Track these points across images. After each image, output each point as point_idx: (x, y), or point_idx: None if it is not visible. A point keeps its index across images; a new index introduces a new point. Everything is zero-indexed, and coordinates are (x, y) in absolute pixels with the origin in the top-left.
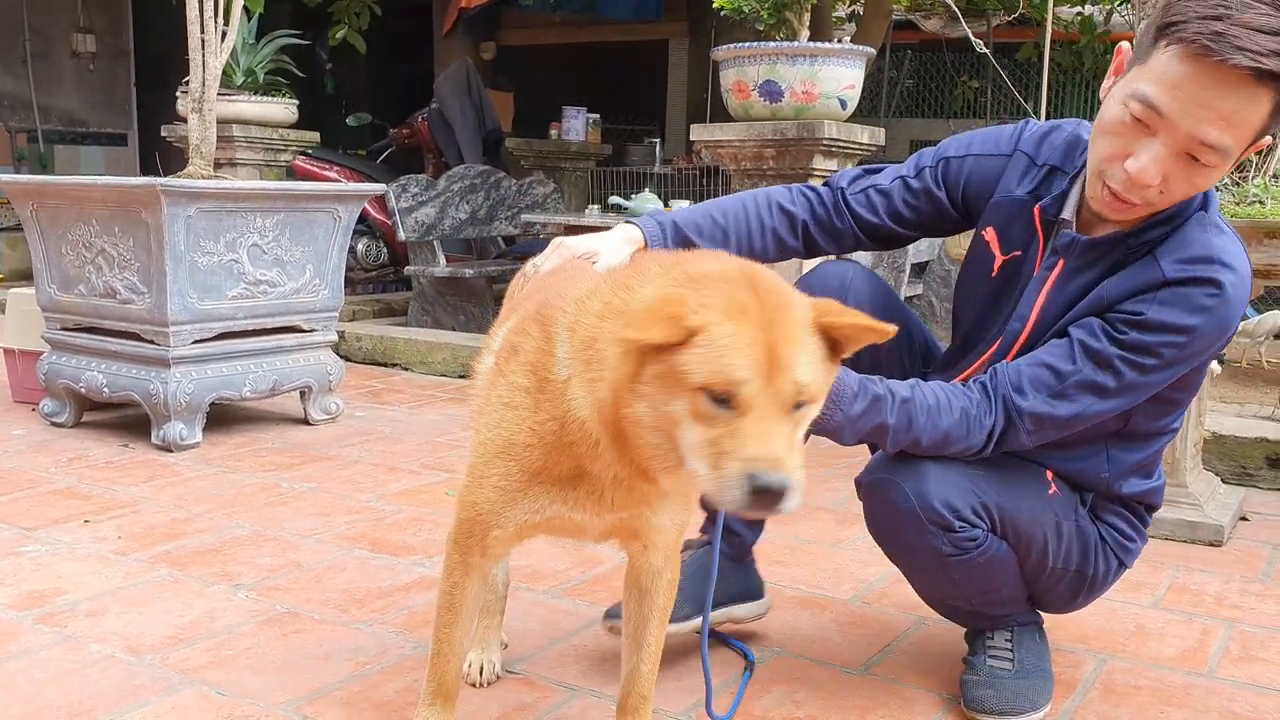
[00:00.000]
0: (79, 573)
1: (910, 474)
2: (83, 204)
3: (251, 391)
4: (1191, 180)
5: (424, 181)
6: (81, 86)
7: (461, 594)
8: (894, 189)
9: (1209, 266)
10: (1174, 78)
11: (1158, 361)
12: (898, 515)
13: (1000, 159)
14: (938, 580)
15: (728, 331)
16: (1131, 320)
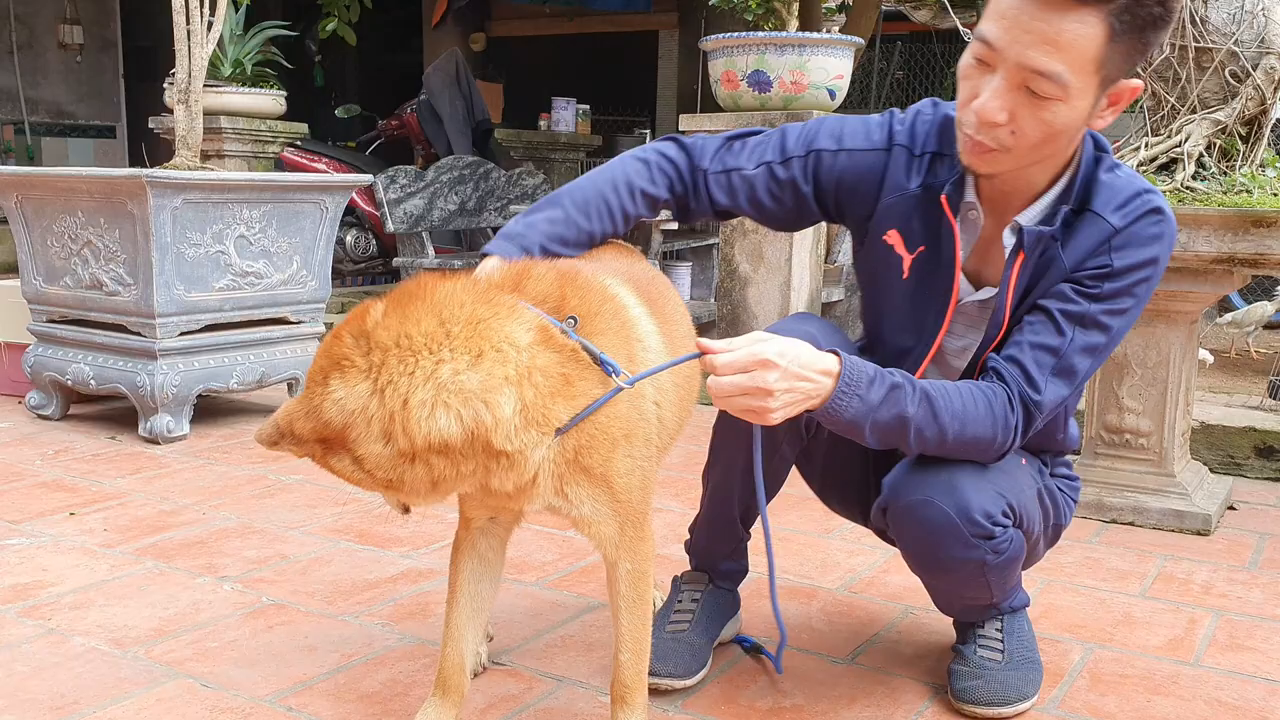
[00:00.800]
0: (64, 565)
1: (942, 488)
2: (68, 195)
3: (239, 383)
4: (1038, 115)
5: (412, 173)
6: (69, 78)
7: (454, 570)
8: (758, 177)
9: (1145, 198)
10: (1003, 8)
11: (1135, 301)
12: (940, 534)
13: (877, 154)
14: (969, 586)
15: None
16: (1100, 274)
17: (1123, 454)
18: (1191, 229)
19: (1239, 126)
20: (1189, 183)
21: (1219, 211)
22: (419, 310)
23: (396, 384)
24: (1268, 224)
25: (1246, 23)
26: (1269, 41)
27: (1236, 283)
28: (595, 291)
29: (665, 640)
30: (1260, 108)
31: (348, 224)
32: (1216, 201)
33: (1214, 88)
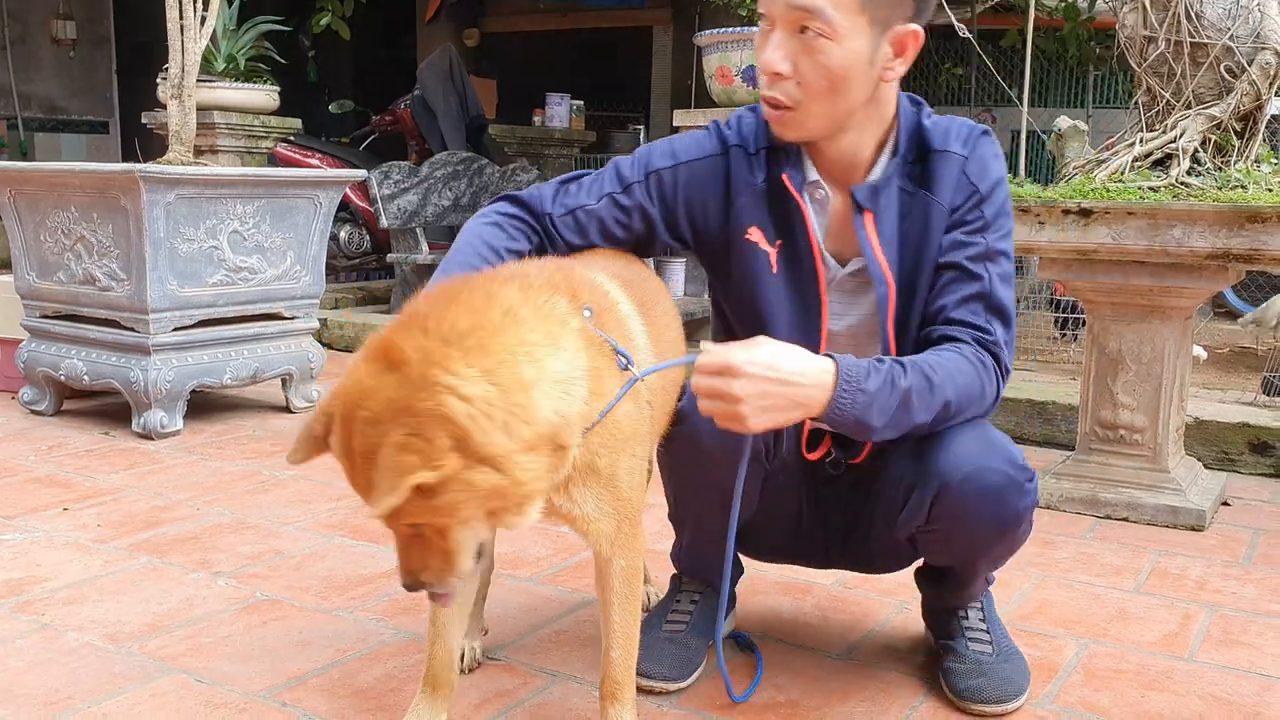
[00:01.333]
0: (58, 561)
1: (984, 451)
2: (61, 191)
3: (233, 379)
4: (815, 59)
5: (406, 168)
6: (62, 73)
7: None
8: (603, 210)
9: (970, 126)
10: None
11: (1010, 218)
12: (1005, 493)
13: (715, 159)
14: (1012, 540)
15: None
16: (974, 204)
17: (1117, 450)
18: (1186, 225)
19: (1234, 122)
20: (1184, 178)
21: (1214, 207)
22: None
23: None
24: (1262, 219)
25: (1242, 18)
26: (1264, 37)
27: (1231, 278)
28: (596, 288)
29: (661, 641)
30: (1255, 103)
31: (342, 220)
32: (1211, 197)
33: (1209, 83)
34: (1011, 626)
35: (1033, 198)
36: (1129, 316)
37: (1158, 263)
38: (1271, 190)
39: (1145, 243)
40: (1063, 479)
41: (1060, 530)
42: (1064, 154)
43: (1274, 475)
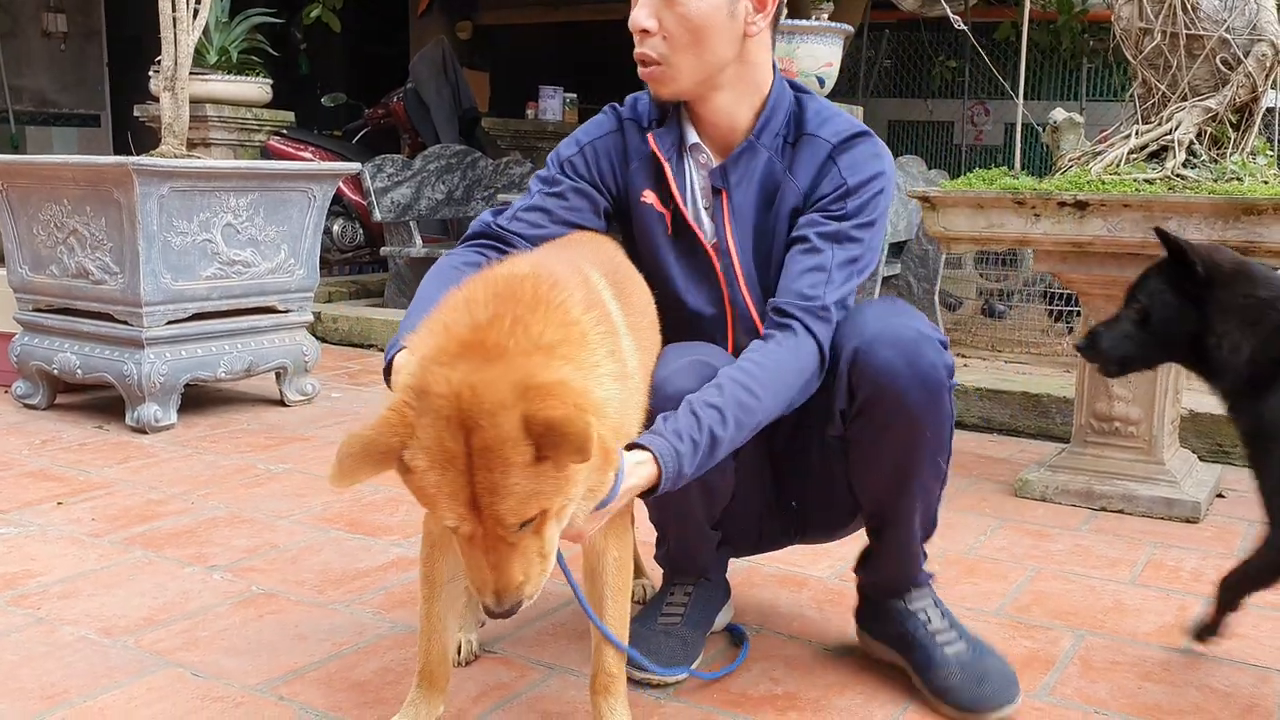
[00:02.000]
0: (52, 555)
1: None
2: (54, 184)
3: (226, 373)
4: (674, 10)
5: (400, 162)
6: (53, 66)
7: (431, 566)
8: (546, 202)
9: (847, 121)
10: None
11: (877, 214)
12: (915, 342)
13: (613, 135)
14: (942, 422)
15: (432, 482)
16: (838, 195)
17: (1112, 442)
18: (1182, 217)
19: (1230, 114)
20: (1180, 170)
21: (1210, 199)
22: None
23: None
24: (1258, 211)
25: (1238, 10)
26: (1260, 29)
27: None
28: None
29: (657, 634)
30: (1251, 95)
31: (334, 213)
32: (1207, 189)
33: (1205, 75)
34: (1008, 619)
35: (1028, 190)
36: None
37: (1153, 255)
38: (1267, 183)
39: (1141, 235)
40: (1058, 471)
41: (1056, 523)
42: (1059, 146)
43: None
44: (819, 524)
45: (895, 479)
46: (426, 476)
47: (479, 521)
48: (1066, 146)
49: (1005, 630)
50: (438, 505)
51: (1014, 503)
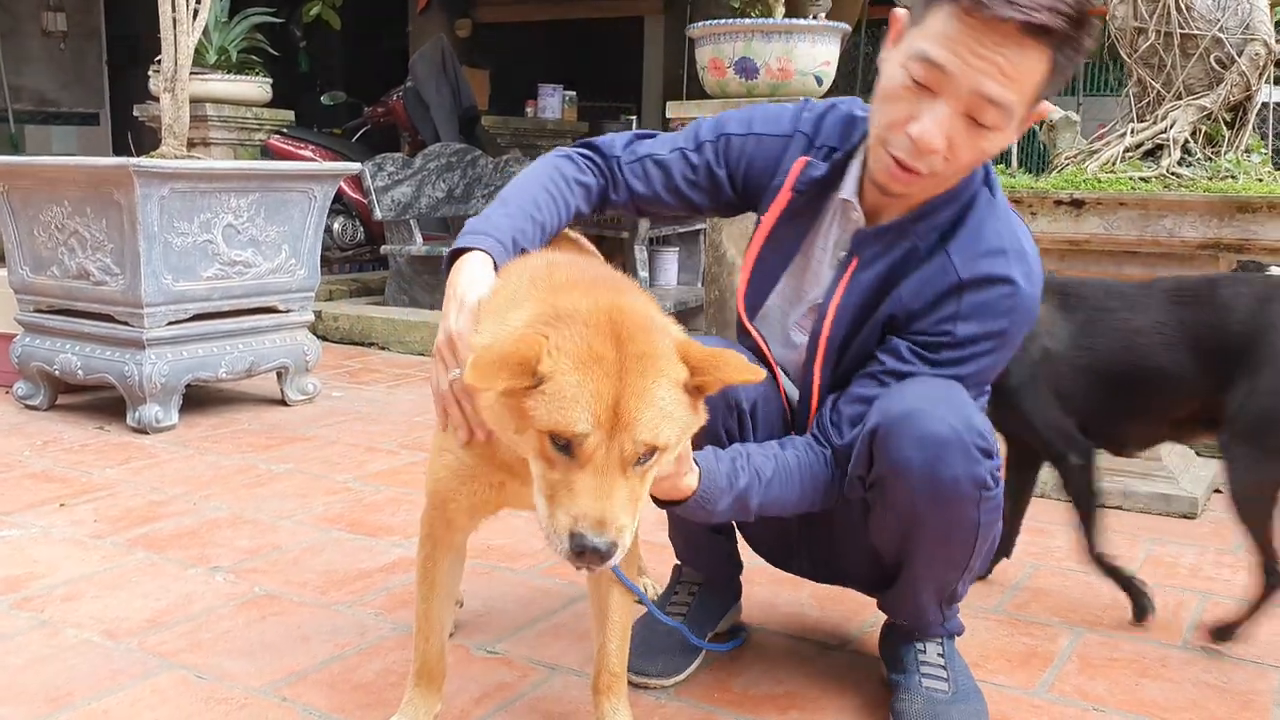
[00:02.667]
0: (55, 557)
1: (941, 401)
2: (55, 185)
3: (228, 373)
4: (976, 144)
5: (400, 160)
6: (52, 66)
7: (433, 566)
8: (673, 161)
9: (1001, 260)
10: (952, 35)
11: (974, 368)
12: (944, 447)
13: (781, 140)
14: (958, 531)
15: (573, 383)
16: (940, 342)
17: None
18: (1177, 215)
19: (1224, 112)
20: (1175, 169)
21: (1204, 197)
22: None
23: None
24: (1252, 209)
25: (1231, 9)
26: (1253, 28)
27: (1222, 268)
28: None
29: (657, 634)
30: (1245, 94)
31: (335, 211)
32: (1202, 187)
33: (1199, 74)
34: (1007, 616)
35: (1025, 188)
36: None
37: (1149, 253)
38: (1261, 180)
39: (1137, 233)
40: None
41: (1054, 519)
42: (1056, 145)
43: None
44: (851, 575)
45: (904, 556)
46: (567, 379)
47: (610, 434)
48: (1063, 144)
49: (1004, 627)
50: (575, 407)
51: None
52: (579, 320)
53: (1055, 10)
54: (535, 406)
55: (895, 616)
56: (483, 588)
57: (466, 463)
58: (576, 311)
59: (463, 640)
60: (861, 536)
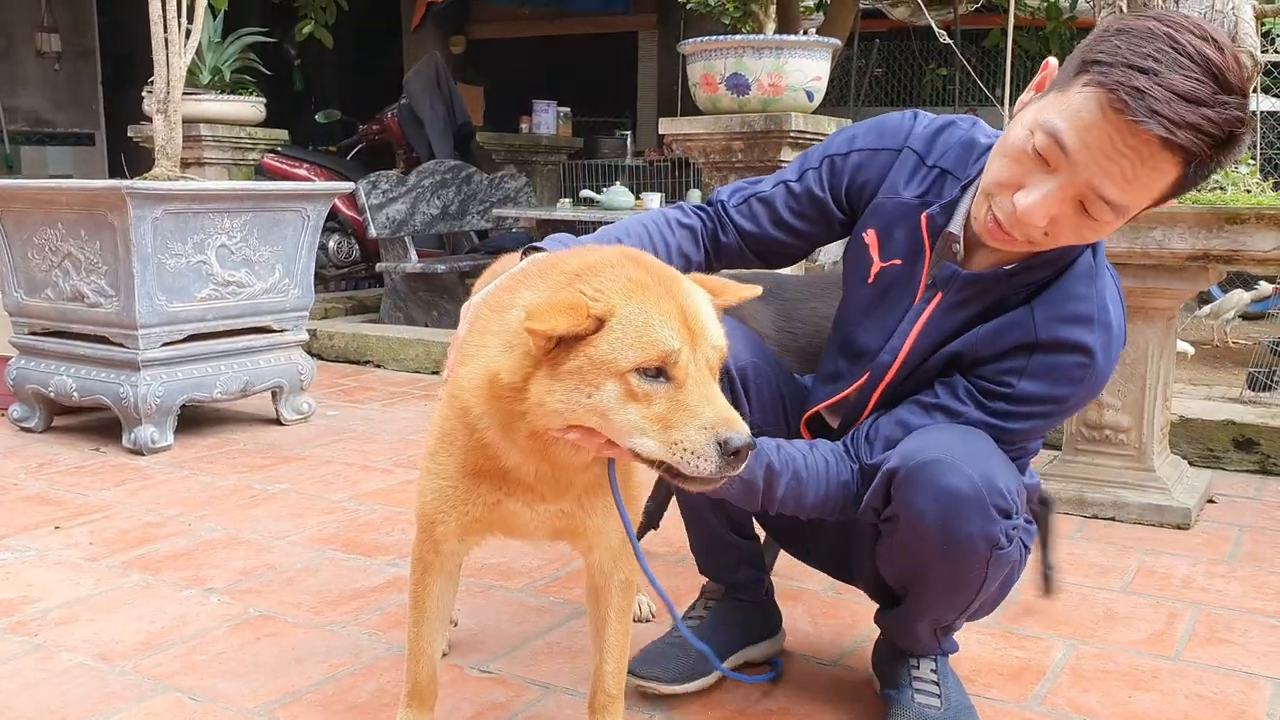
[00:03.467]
0: (50, 580)
1: (964, 453)
2: (48, 208)
3: (223, 393)
4: (1079, 231)
5: (394, 177)
6: (47, 86)
7: (424, 591)
8: (776, 195)
9: (1084, 329)
10: (1086, 121)
11: (1022, 426)
12: (960, 503)
13: (888, 154)
14: (964, 580)
15: (640, 310)
16: (998, 392)
17: (1103, 450)
18: (1167, 226)
19: None
20: None
21: (1194, 209)
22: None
23: None
24: (1241, 220)
25: (1217, 21)
26: (1239, 39)
27: (1212, 279)
28: None
29: (664, 645)
30: None
31: (330, 229)
32: (1191, 199)
33: None
34: (1000, 629)
35: None
36: None
37: (1139, 264)
38: (1250, 191)
39: (1126, 244)
40: (1050, 480)
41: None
42: None
43: (1259, 472)
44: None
45: (906, 590)
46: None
47: (693, 346)
48: None
49: (997, 641)
50: (657, 328)
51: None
52: (601, 266)
53: (1199, 130)
54: (610, 349)
55: (889, 636)
56: (477, 606)
57: (458, 485)
58: (592, 263)
59: (457, 659)
60: (870, 550)
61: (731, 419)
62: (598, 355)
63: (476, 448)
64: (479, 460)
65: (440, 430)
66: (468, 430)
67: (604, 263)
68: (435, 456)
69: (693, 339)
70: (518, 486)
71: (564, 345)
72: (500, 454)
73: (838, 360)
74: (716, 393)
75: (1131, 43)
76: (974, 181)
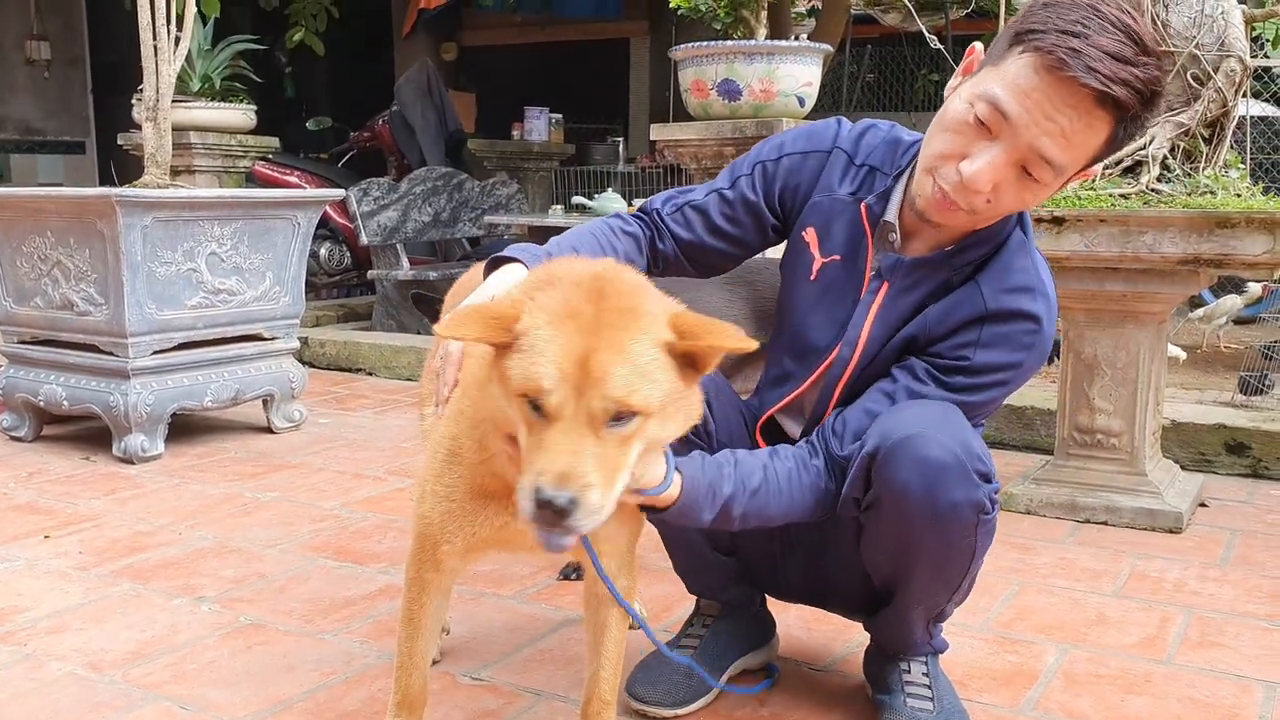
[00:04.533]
0: (39, 589)
1: (939, 425)
2: (37, 216)
3: (213, 401)
4: (1020, 195)
5: (386, 185)
6: (36, 94)
7: (420, 609)
8: (710, 203)
9: (1028, 297)
10: (1025, 85)
11: (983, 396)
12: (943, 471)
13: (818, 156)
14: (955, 553)
15: (543, 338)
16: (956, 366)
17: (1094, 454)
18: (1157, 231)
19: (1202, 129)
20: (1154, 185)
21: (1185, 213)
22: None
23: None
24: (1231, 225)
25: (1207, 26)
26: (1229, 45)
27: (1203, 283)
28: None
29: (664, 666)
30: (1222, 110)
31: (321, 237)
32: (1181, 203)
33: (1176, 90)
34: (992, 634)
35: None
36: (1103, 322)
37: (1130, 269)
38: (1240, 195)
39: (1117, 249)
40: (1042, 484)
41: (1040, 535)
42: None
43: (1251, 475)
44: (835, 597)
45: (896, 578)
46: (539, 333)
47: (578, 390)
48: None
49: (990, 645)
50: (541, 361)
51: (999, 516)
52: (567, 281)
53: (1130, 86)
54: (511, 367)
55: (880, 635)
56: (469, 613)
57: (466, 505)
58: (567, 274)
59: (448, 667)
60: (849, 558)
61: (561, 473)
62: (506, 369)
63: (485, 464)
64: (487, 479)
65: (448, 449)
66: (477, 445)
67: (570, 278)
68: (442, 477)
69: (578, 383)
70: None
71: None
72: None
73: (784, 361)
74: (576, 442)
75: (1059, 13)
76: (905, 171)
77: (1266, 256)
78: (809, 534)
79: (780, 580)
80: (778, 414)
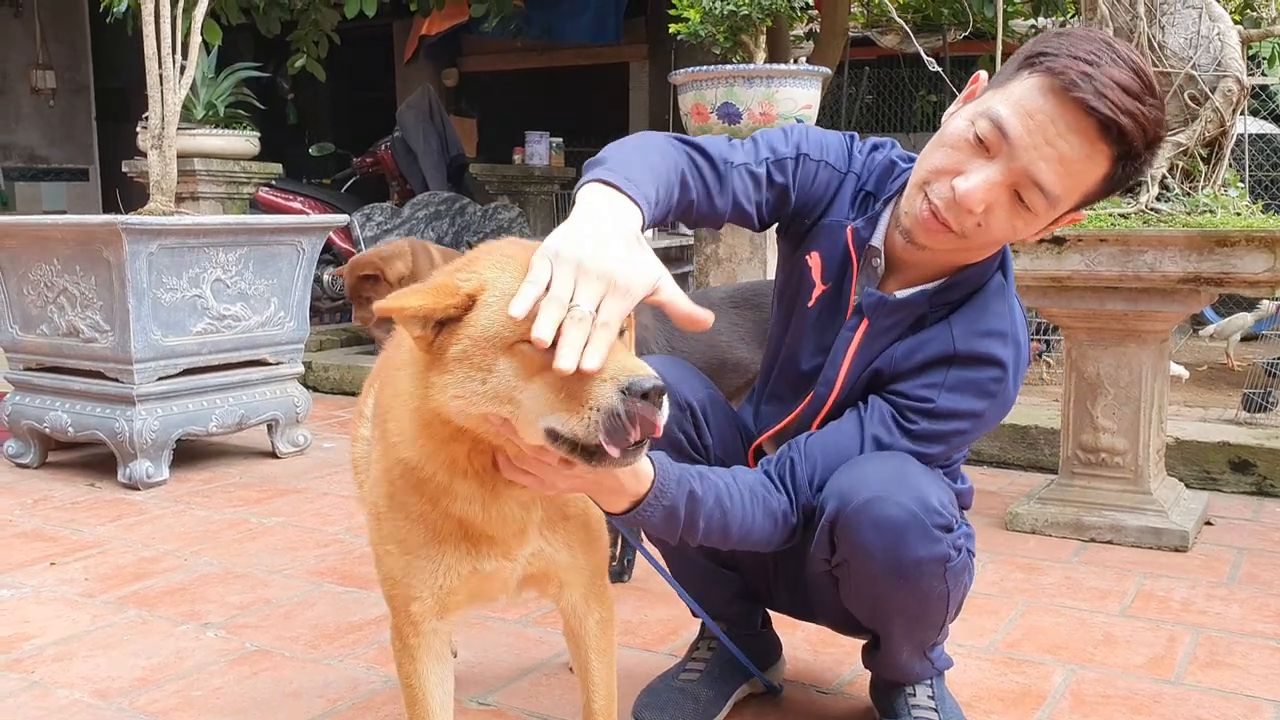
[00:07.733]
0: (46, 617)
1: (894, 483)
2: (43, 244)
3: (218, 426)
4: (1011, 222)
5: (388, 209)
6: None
7: (416, 681)
8: (761, 175)
9: (999, 343)
10: (1030, 106)
11: (944, 447)
12: (903, 532)
13: (839, 175)
14: (931, 600)
15: (507, 277)
16: (920, 409)
17: (1099, 473)
18: (1158, 250)
19: (1200, 148)
20: (1153, 204)
21: (1184, 232)
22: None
23: None
24: (1231, 243)
25: (1203, 47)
26: (1225, 65)
27: (1204, 301)
28: None
29: (672, 690)
30: (1220, 129)
31: (325, 261)
32: (1181, 223)
33: (1174, 111)
34: (999, 655)
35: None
36: (1105, 341)
37: (1131, 288)
38: (1239, 214)
39: (1118, 269)
40: (1047, 503)
41: (1046, 555)
42: None
43: (1256, 493)
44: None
45: (877, 625)
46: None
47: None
48: None
49: (997, 666)
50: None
51: (1005, 536)
52: (491, 251)
53: (1136, 120)
54: (489, 321)
55: (880, 673)
56: (475, 638)
57: (421, 555)
58: (490, 249)
59: (455, 692)
60: (829, 591)
61: (632, 367)
62: (478, 332)
63: (428, 502)
64: (435, 518)
65: (386, 501)
66: (414, 486)
67: (496, 248)
68: (387, 534)
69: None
70: (481, 541)
71: (446, 334)
72: (452, 497)
73: (779, 383)
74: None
75: (1074, 42)
76: (893, 198)
77: (1267, 275)
78: (792, 559)
79: (775, 594)
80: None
